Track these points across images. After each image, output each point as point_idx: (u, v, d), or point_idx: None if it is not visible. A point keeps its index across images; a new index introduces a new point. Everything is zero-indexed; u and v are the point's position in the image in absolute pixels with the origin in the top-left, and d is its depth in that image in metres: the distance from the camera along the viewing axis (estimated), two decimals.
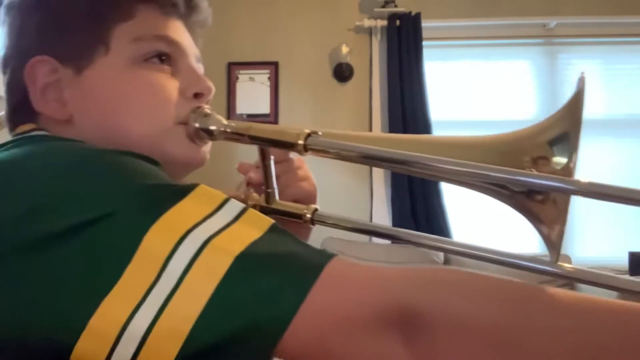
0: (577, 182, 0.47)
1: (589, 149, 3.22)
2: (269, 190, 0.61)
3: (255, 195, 0.63)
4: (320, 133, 0.54)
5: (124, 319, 0.35)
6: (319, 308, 0.36)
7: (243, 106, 3.24)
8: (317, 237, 3.29)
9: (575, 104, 0.53)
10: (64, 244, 0.37)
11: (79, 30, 0.54)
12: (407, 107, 3.08)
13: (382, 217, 3.19)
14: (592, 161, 3.18)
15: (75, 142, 0.49)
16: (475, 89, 3.23)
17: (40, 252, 0.37)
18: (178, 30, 0.58)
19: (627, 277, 0.46)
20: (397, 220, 3.12)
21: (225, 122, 0.57)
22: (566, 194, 0.49)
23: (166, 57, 0.56)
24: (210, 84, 0.58)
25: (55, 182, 0.40)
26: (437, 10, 3.22)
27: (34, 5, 0.55)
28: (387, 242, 3.14)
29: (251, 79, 3.30)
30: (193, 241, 0.37)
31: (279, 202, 0.62)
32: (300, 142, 0.53)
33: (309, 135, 0.53)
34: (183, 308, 0.35)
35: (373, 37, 3.24)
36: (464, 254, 0.57)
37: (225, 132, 0.56)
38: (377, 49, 3.24)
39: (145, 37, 0.55)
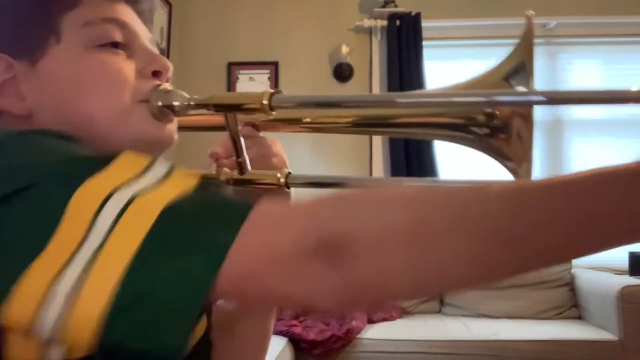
0: (538, 92, 0.51)
1: (589, 149, 3.23)
2: (240, 159, 0.61)
3: (226, 170, 0.63)
4: (284, 92, 0.55)
5: (48, 281, 0.35)
6: (247, 247, 0.37)
7: None
8: None
9: (527, 36, 0.57)
10: None
11: (28, 24, 0.54)
12: None
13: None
14: (592, 161, 3.19)
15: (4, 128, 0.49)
16: None
17: None
18: (127, 13, 0.58)
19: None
20: None
21: (187, 96, 0.56)
22: (529, 105, 0.52)
23: (119, 45, 0.56)
24: (168, 62, 0.58)
25: None
26: (437, 10, 3.22)
27: None
28: None
29: (251, 79, 3.30)
30: (118, 200, 0.38)
31: (252, 172, 0.62)
32: (265, 101, 0.53)
33: (272, 94, 0.54)
34: (110, 263, 0.36)
35: (373, 37, 3.25)
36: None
37: (189, 105, 0.56)
38: (377, 49, 3.24)
39: (94, 21, 0.54)
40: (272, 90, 0.54)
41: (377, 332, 2.49)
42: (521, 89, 0.57)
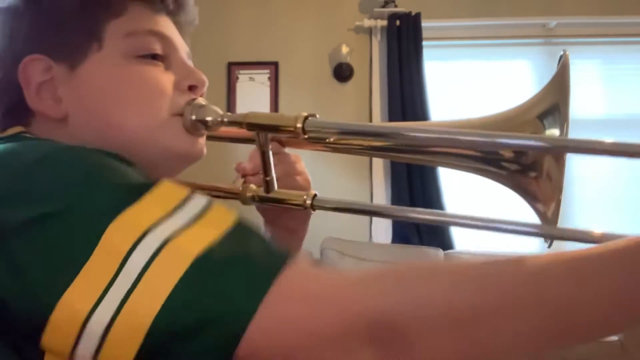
0: (569, 140, 0.48)
1: None
2: (268, 178, 0.61)
3: (252, 186, 0.63)
4: (317, 116, 0.55)
5: (85, 313, 0.36)
6: (276, 318, 0.36)
7: (243, 106, 3.24)
8: (317, 237, 3.29)
9: (562, 75, 0.55)
10: (23, 236, 0.38)
11: (71, 28, 0.54)
12: (407, 107, 3.08)
13: (383, 218, 3.19)
14: (592, 161, 3.18)
15: (48, 140, 0.49)
16: (475, 89, 3.22)
17: (4, 241, 0.38)
18: (168, 26, 0.59)
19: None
20: (397, 222, 3.12)
21: (221, 112, 0.57)
22: (560, 151, 0.51)
23: (159, 57, 0.56)
24: (204, 77, 0.58)
25: (17, 177, 0.41)
26: (437, 10, 3.22)
27: (25, 7, 0.55)
28: (387, 242, 3.14)
29: (251, 79, 3.30)
30: (153, 239, 0.38)
31: (278, 191, 0.62)
32: (299, 125, 0.54)
33: (306, 117, 0.54)
34: (142, 305, 0.36)
35: (373, 37, 3.24)
36: (459, 224, 0.57)
37: (222, 122, 0.57)
38: (377, 49, 3.24)
39: (137, 32, 0.55)
40: (305, 114, 0.54)
41: None
42: (525, 135, 0.54)
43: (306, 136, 0.55)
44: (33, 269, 0.37)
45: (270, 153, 0.60)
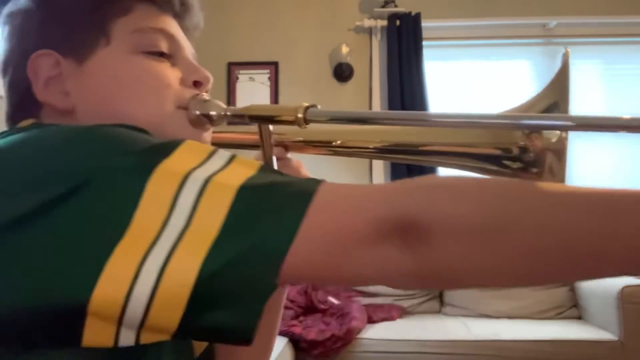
0: (572, 117, 0.48)
1: (589, 149, 3.23)
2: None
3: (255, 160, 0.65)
4: (319, 107, 0.56)
5: (136, 263, 0.37)
6: (317, 227, 0.38)
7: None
8: None
9: (562, 75, 0.56)
10: (65, 206, 0.38)
11: (80, 24, 0.56)
12: (407, 107, 3.08)
13: None
14: (592, 161, 3.19)
15: (66, 124, 0.50)
16: (475, 89, 3.23)
17: (42, 218, 0.38)
18: (174, 26, 0.60)
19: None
20: None
21: (224, 106, 0.58)
22: (564, 130, 0.52)
23: (165, 55, 0.58)
24: (209, 74, 0.60)
25: (50, 154, 0.42)
26: (437, 10, 3.22)
27: (36, 8, 0.57)
28: None
29: (251, 79, 3.30)
30: (194, 181, 0.40)
31: None
32: (300, 115, 0.55)
33: (307, 108, 0.55)
34: (194, 243, 0.37)
35: (373, 37, 3.25)
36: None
37: (225, 115, 0.58)
38: (377, 49, 3.24)
39: (144, 29, 0.57)
40: (306, 104, 0.56)
41: (377, 332, 2.49)
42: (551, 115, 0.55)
43: (307, 125, 0.56)
44: (81, 234, 0.38)
45: (275, 158, 0.61)
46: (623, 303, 2.41)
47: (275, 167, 0.62)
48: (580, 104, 3.19)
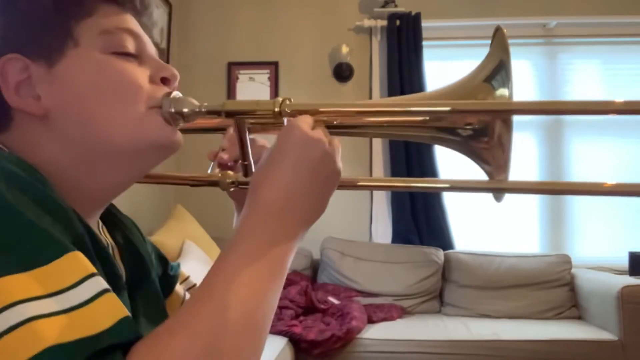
0: (512, 103, 0.54)
1: (589, 149, 3.23)
2: (246, 162, 0.63)
3: (230, 172, 0.66)
4: (292, 100, 0.58)
5: None
6: None
7: None
8: (317, 237, 3.29)
9: (500, 38, 0.61)
10: None
11: (47, 28, 0.55)
12: None
13: (383, 218, 3.19)
14: (592, 161, 3.19)
15: None
16: None
17: None
18: (136, 24, 0.61)
19: None
20: (397, 222, 3.13)
21: (197, 103, 0.59)
22: (503, 114, 0.57)
23: (132, 54, 0.58)
24: (176, 71, 0.61)
25: None
26: (437, 10, 3.22)
27: (0, 11, 0.56)
28: (387, 242, 3.14)
29: (251, 79, 3.30)
30: (16, 314, 0.37)
31: None
32: (277, 108, 0.56)
33: (283, 101, 0.57)
34: None
35: (373, 37, 3.25)
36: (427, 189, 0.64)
37: (200, 112, 0.58)
38: (377, 49, 3.24)
39: (111, 30, 0.57)
40: (282, 98, 0.56)
41: (377, 332, 2.48)
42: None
43: (284, 119, 0.57)
44: None
45: (248, 138, 0.62)
46: (623, 303, 2.41)
47: (249, 148, 0.63)
48: None
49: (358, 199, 3.22)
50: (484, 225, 3.18)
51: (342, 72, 3.24)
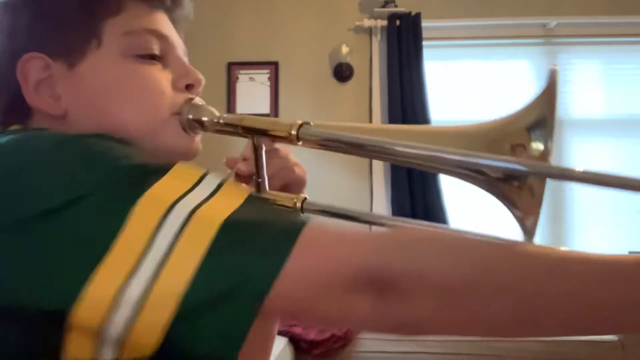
0: (548, 166, 0.49)
1: (589, 149, 3.23)
2: (259, 179, 0.62)
3: (244, 185, 0.64)
4: (312, 124, 0.56)
5: (117, 287, 0.37)
6: (296, 273, 0.39)
7: (243, 106, 3.24)
8: None
9: (550, 92, 0.57)
10: (53, 221, 0.39)
11: (70, 26, 0.54)
12: (407, 107, 3.08)
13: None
14: (592, 161, 3.19)
15: (55, 130, 0.50)
16: (475, 89, 3.22)
17: (30, 230, 0.39)
18: (165, 24, 0.59)
19: None
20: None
21: (217, 113, 0.58)
22: (539, 176, 0.52)
23: (156, 56, 0.57)
24: (201, 76, 0.59)
25: (37, 165, 0.42)
26: (437, 10, 3.22)
27: (23, 4, 0.55)
28: None
29: (251, 79, 3.30)
30: (179, 212, 0.40)
31: (269, 192, 0.62)
32: (293, 132, 0.55)
33: (301, 125, 0.55)
34: (174, 275, 0.38)
35: (373, 37, 3.25)
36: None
37: (218, 123, 0.57)
38: (377, 49, 3.24)
39: (136, 31, 0.55)
40: (300, 122, 0.55)
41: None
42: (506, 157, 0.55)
43: (300, 143, 0.55)
44: (64, 251, 0.38)
45: (264, 154, 0.61)
46: None
47: (265, 167, 0.61)
48: (580, 105, 3.19)
49: (358, 201, 3.21)
50: (483, 225, 3.17)
51: (342, 72, 3.24)
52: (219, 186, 0.43)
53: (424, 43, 3.14)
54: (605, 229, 3.18)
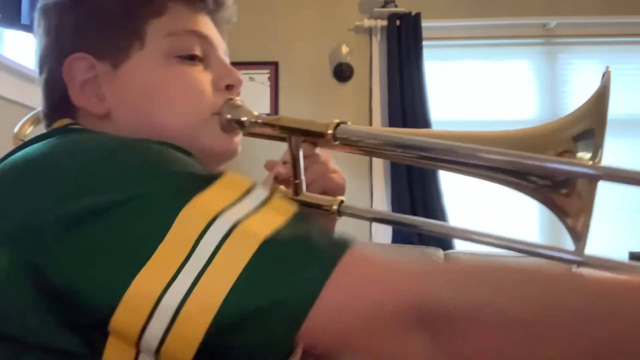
0: (604, 168, 0.47)
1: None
2: (297, 181, 0.62)
3: (282, 187, 0.64)
4: (349, 123, 0.55)
5: (157, 294, 0.37)
6: (336, 301, 0.37)
7: None
8: None
9: (601, 99, 0.54)
10: (97, 223, 0.39)
11: (115, 27, 0.56)
12: (407, 107, 3.08)
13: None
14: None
15: (108, 133, 0.50)
16: (475, 89, 3.23)
17: (76, 229, 0.39)
18: (207, 25, 0.60)
19: None
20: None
21: (255, 113, 0.58)
22: (592, 180, 0.50)
23: (197, 57, 0.58)
24: (241, 77, 0.60)
25: (91, 165, 0.42)
26: (437, 10, 3.22)
27: (70, 5, 0.57)
28: (387, 242, 3.14)
29: (251, 79, 3.30)
30: (222, 223, 0.39)
31: (306, 194, 0.63)
32: (330, 131, 0.55)
33: (338, 125, 0.55)
34: (212, 286, 0.37)
35: (373, 37, 3.25)
36: (487, 243, 0.56)
37: (256, 122, 0.58)
38: (377, 49, 3.24)
39: (178, 32, 0.57)
40: (337, 121, 0.55)
41: None
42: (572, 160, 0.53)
43: (337, 142, 0.55)
44: (107, 253, 0.38)
45: (302, 156, 0.61)
46: None
47: (302, 170, 0.60)
48: (580, 104, 3.19)
49: (358, 198, 3.22)
50: (483, 225, 3.17)
51: (342, 72, 3.24)
52: (266, 201, 0.42)
53: (424, 43, 3.14)
54: (605, 229, 3.18)
